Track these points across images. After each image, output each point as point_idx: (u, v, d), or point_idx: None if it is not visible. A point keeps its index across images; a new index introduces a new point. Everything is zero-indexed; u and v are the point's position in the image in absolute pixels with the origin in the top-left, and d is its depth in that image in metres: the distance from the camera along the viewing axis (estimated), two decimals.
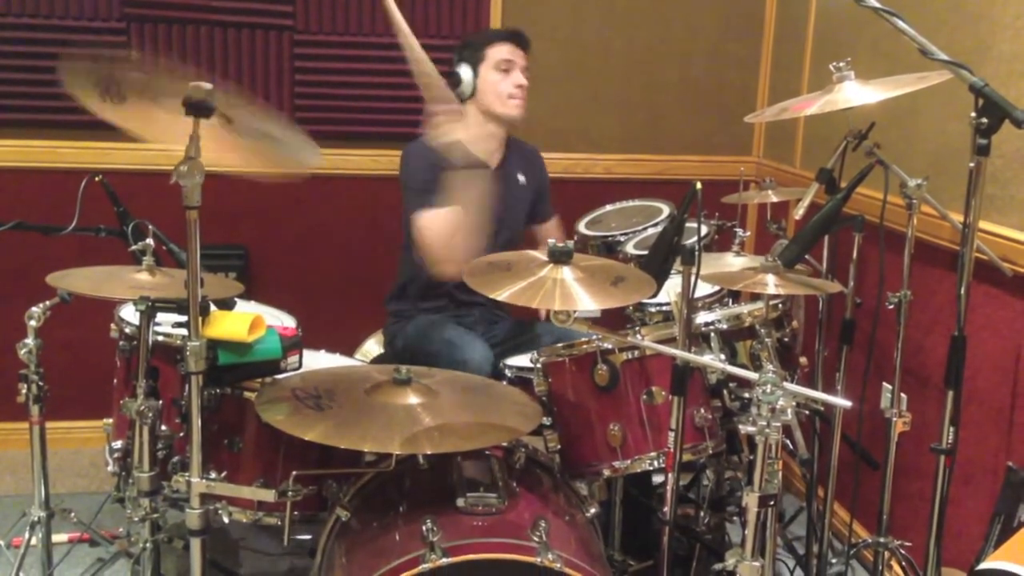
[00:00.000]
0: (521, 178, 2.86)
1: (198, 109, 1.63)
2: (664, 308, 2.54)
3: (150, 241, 2.20)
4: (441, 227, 2.51)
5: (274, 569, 2.76)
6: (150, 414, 1.89)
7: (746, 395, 2.14)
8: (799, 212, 2.21)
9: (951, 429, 1.96)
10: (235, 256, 3.37)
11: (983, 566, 1.68)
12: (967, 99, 1.70)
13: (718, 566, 1.75)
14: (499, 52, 2.70)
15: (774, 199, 2.91)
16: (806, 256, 2.31)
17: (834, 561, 2.56)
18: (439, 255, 2.54)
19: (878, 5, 1.75)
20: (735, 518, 2.59)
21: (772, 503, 1.64)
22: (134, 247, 2.25)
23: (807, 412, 2.34)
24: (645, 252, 2.68)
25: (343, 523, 1.92)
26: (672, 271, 1.96)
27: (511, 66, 2.70)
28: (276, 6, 3.31)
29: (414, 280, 2.81)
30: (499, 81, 2.70)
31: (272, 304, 2.62)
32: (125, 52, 3.18)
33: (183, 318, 1.76)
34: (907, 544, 2.42)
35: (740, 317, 2.28)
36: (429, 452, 1.90)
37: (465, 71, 2.71)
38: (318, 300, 3.41)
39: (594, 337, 2.08)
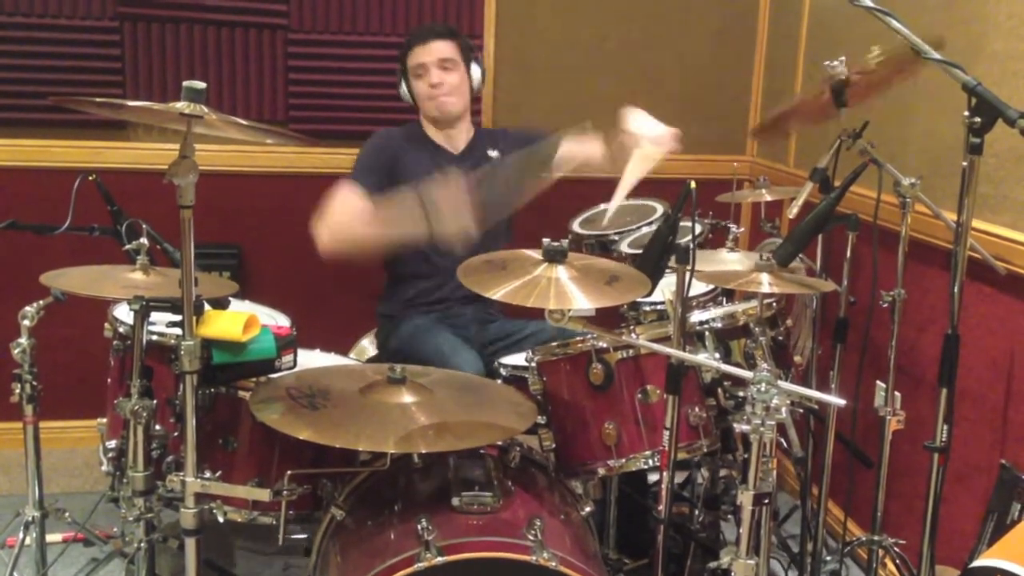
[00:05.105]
0: (493, 153, 2.85)
1: None
2: (659, 307, 2.53)
3: (144, 240, 2.19)
4: (349, 210, 2.55)
5: (269, 569, 2.76)
6: (144, 414, 1.88)
7: (740, 394, 2.14)
8: (793, 211, 2.22)
9: (945, 427, 1.96)
10: (229, 255, 3.37)
11: (977, 563, 1.68)
12: (960, 98, 1.70)
13: (713, 564, 1.75)
14: (412, 60, 2.72)
15: (768, 198, 2.91)
16: (800, 255, 2.31)
17: (828, 559, 2.56)
18: (326, 222, 2.53)
19: (872, 4, 1.75)
20: (730, 516, 2.59)
21: (766, 501, 1.65)
22: (128, 246, 2.25)
23: (801, 410, 2.35)
24: (639, 251, 2.68)
25: (338, 522, 1.92)
26: (666, 270, 1.96)
27: (424, 70, 2.71)
28: (270, 5, 3.30)
29: (402, 281, 2.81)
30: (419, 86, 2.73)
31: (266, 303, 2.61)
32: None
33: (177, 317, 1.75)
34: (901, 542, 2.43)
35: (734, 316, 2.28)
36: (424, 451, 1.90)
37: (403, 89, 2.80)
38: (312, 299, 3.40)
39: (589, 336, 2.07)
